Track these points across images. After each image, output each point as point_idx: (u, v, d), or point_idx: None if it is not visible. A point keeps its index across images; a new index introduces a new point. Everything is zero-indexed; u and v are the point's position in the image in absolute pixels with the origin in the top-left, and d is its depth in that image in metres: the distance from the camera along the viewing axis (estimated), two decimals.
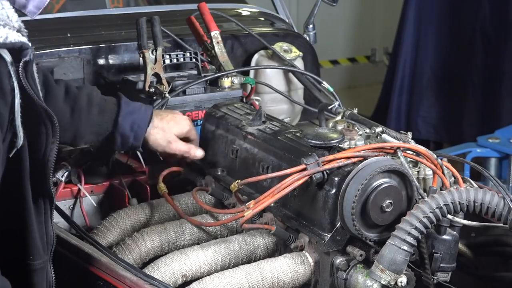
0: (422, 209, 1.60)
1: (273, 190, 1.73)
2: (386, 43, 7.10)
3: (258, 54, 2.73)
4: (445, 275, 1.74)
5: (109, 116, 2.00)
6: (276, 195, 1.73)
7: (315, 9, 2.97)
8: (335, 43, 7.10)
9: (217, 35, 2.47)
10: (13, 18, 1.38)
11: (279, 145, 1.89)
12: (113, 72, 2.51)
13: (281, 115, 2.64)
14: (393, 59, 5.82)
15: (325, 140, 1.75)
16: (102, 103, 2.01)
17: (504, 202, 1.64)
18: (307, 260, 1.77)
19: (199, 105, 2.34)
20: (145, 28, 2.34)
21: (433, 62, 5.53)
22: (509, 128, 4.28)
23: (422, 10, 5.52)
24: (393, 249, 1.59)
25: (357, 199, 1.62)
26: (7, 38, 1.34)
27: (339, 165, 1.70)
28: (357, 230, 1.64)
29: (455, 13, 5.41)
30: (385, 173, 1.65)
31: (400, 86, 5.60)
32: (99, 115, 1.99)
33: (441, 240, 1.71)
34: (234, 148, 2.02)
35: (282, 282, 1.74)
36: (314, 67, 2.92)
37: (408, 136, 1.92)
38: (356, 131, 1.99)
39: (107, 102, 2.02)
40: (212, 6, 2.63)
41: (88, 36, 2.58)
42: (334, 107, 2.24)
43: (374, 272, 1.61)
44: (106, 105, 2.01)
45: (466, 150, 4.07)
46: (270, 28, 2.95)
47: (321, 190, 1.71)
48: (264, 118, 2.04)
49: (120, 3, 3.34)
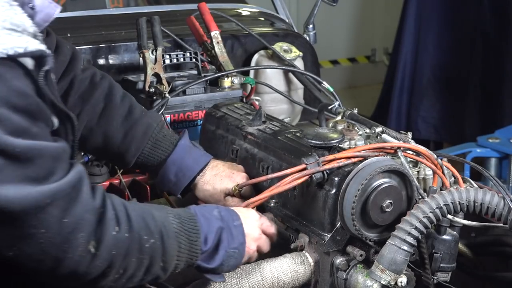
0: (422, 209, 1.60)
1: (273, 188, 1.74)
2: (386, 43, 7.11)
3: (258, 54, 2.73)
4: (445, 275, 1.74)
5: (160, 154, 1.93)
6: (274, 190, 1.73)
7: (315, 9, 2.97)
8: (335, 43, 7.10)
9: (217, 35, 2.47)
10: (27, 23, 1.36)
11: (279, 145, 1.89)
12: (113, 72, 2.51)
13: (281, 115, 2.64)
14: (393, 59, 5.82)
15: (325, 140, 1.75)
16: (160, 137, 1.93)
17: (504, 202, 1.64)
18: (307, 260, 1.77)
19: (199, 105, 2.34)
20: (145, 28, 2.34)
21: (433, 62, 5.53)
22: (509, 128, 4.28)
23: (422, 10, 5.52)
24: (393, 249, 1.59)
25: (357, 199, 1.62)
26: (27, 47, 1.31)
27: (339, 165, 1.70)
28: (357, 230, 1.64)
29: (455, 13, 5.41)
30: (385, 173, 1.65)
31: (400, 86, 5.60)
32: (151, 150, 1.92)
33: (441, 240, 1.71)
34: (234, 148, 2.02)
35: (282, 282, 1.74)
36: (314, 67, 2.92)
37: (408, 136, 1.92)
38: (356, 131, 1.99)
39: (165, 139, 1.94)
40: (212, 6, 2.63)
41: (88, 36, 2.58)
42: (334, 107, 2.24)
43: (374, 272, 1.61)
44: (163, 141, 1.93)
45: (466, 150, 4.07)
46: (270, 28, 2.95)
47: (321, 190, 1.71)
48: (264, 118, 2.04)
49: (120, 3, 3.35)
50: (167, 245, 1.52)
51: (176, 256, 1.54)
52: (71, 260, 1.36)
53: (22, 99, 1.30)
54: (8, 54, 1.28)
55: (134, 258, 1.46)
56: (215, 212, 1.65)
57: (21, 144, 1.28)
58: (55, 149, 1.35)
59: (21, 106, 1.30)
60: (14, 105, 1.28)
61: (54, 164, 1.34)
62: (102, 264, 1.41)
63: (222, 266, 1.63)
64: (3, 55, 1.27)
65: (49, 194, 1.31)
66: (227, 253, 1.62)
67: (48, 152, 1.33)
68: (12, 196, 1.27)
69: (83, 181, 1.40)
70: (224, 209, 1.68)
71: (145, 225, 1.49)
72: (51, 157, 1.33)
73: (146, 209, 1.54)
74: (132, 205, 1.52)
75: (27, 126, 1.30)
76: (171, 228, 1.54)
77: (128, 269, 1.46)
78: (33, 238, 1.32)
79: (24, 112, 1.30)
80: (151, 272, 1.51)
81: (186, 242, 1.56)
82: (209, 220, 1.62)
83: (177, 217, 1.57)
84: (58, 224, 1.33)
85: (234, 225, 1.65)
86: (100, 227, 1.40)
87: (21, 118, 1.30)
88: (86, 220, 1.37)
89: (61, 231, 1.33)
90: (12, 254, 1.34)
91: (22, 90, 1.31)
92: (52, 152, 1.34)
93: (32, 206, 1.29)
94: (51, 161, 1.33)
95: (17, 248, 1.33)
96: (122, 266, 1.44)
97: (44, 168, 1.32)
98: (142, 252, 1.47)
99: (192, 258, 1.58)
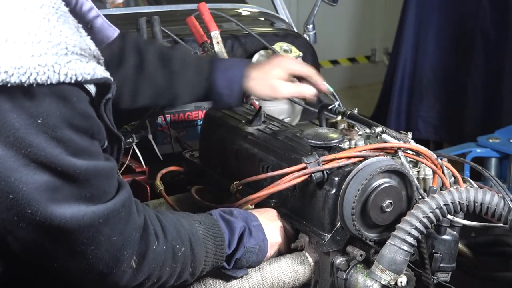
0: (422, 209, 1.60)
1: (272, 186, 1.74)
2: (386, 43, 7.11)
3: (258, 54, 2.73)
4: (445, 275, 1.73)
5: (205, 75, 1.94)
6: (273, 189, 1.73)
7: (315, 9, 2.97)
8: (335, 43, 7.11)
9: (217, 35, 2.47)
10: (92, 46, 1.35)
11: (279, 145, 1.89)
12: None
13: (281, 115, 2.64)
14: (393, 59, 5.82)
15: (325, 140, 1.75)
16: (197, 62, 1.95)
17: (504, 202, 1.63)
18: (307, 260, 1.77)
19: (199, 105, 2.34)
20: (145, 28, 2.34)
21: (433, 62, 5.53)
22: (509, 128, 4.28)
23: (422, 10, 5.52)
24: (393, 249, 1.59)
25: (357, 199, 1.62)
26: (95, 74, 1.30)
27: (339, 165, 1.70)
28: (357, 230, 1.64)
29: (455, 13, 5.41)
30: (385, 173, 1.65)
31: (400, 86, 5.60)
32: (194, 76, 1.94)
33: (441, 240, 1.71)
34: (234, 148, 2.02)
35: (282, 282, 1.74)
36: (314, 67, 2.91)
37: (408, 136, 1.92)
38: (356, 131, 1.99)
39: (202, 61, 1.96)
40: (212, 6, 2.63)
41: None
42: (334, 107, 2.24)
43: (374, 272, 1.61)
44: (201, 64, 1.95)
45: (466, 150, 4.07)
46: (270, 28, 2.95)
47: (321, 190, 1.71)
48: (264, 118, 2.04)
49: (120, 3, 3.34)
50: (196, 251, 1.57)
51: (203, 261, 1.60)
52: (115, 275, 1.40)
53: (86, 121, 1.32)
54: (77, 80, 1.27)
55: (168, 267, 1.51)
56: (235, 212, 1.72)
57: (82, 166, 1.30)
58: (109, 169, 1.38)
59: (84, 127, 1.31)
60: (77, 127, 1.30)
61: (108, 184, 1.37)
62: (142, 277, 1.46)
63: (241, 261, 1.68)
64: (72, 80, 1.27)
65: (104, 214, 1.34)
66: (246, 249, 1.67)
67: (103, 172, 1.35)
68: (69, 215, 1.29)
69: (131, 199, 1.44)
70: (242, 211, 1.74)
71: (177, 235, 1.54)
72: (105, 176, 1.36)
73: (175, 218, 1.58)
74: (164, 216, 1.56)
75: (87, 146, 1.32)
76: (198, 235, 1.59)
77: (162, 277, 1.51)
78: (81, 254, 1.35)
79: (86, 133, 1.32)
80: (181, 278, 1.57)
81: (212, 247, 1.61)
82: (230, 223, 1.67)
83: (202, 224, 1.63)
84: (108, 242, 1.36)
85: (253, 225, 1.71)
86: (142, 243, 1.44)
87: (83, 140, 1.31)
88: (133, 237, 1.41)
89: (109, 249, 1.37)
90: (56, 266, 1.37)
91: (86, 112, 1.32)
92: (107, 172, 1.36)
93: (87, 225, 1.31)
94: (105, 181, 1.36)
95: (63, 262, 1.36)
96: (158, 275, 1.50)
97: (99, 188, 1.34)
98: (175, 261, 1.52)
99: (218, 262, 1.64)
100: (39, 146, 1.25)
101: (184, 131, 2.40)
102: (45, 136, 1.25)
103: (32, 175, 1.26)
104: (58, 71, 1.24)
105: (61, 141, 1.27)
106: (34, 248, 1.33)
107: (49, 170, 1.27)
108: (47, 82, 1.23)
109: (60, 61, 1.25)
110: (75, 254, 1.34)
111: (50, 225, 1.28)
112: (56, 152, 1.26)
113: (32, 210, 1.27)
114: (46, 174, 1.26)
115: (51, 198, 1.27)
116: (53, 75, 1.24)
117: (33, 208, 1.26)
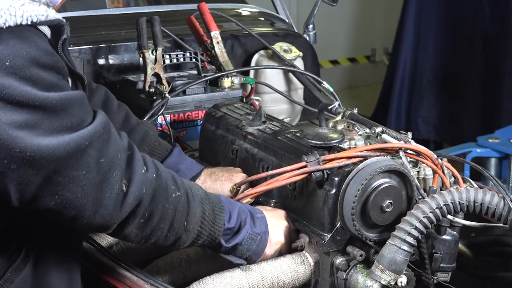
0: (422, 209, 1.60)
1: (271, 181, 1.74)
2: (386, 43, 7.11)
3: (258, 54, 2.73)
4: (445, 275, 1.74)
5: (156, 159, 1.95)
6: (272, 184, 1.73)
7: (315, 9, 2.97)
8: (335, 43, 7.10)
9: (217, 35, 2.48)
10: None
11: (279, 145, 1.89)
12: (113, 72, 2.51)
13: (281, 115, 2.64)
14: (393, 59, 5.82)
15: (325, 140, 1.75)
16: (156, 145, 2.00)
17: (504, 202, 1.64)
18: (307, 260, 1.77)
19: (199, 105, 2.34)
20: (145, 28, 2.34)
21: (433, 62, 5.53)
22: (509, 128, 4.28)
23: (422, 10, 5.52)
24: (393, 249, 1.59)
25: (357, 199, 1.62)
26: (48, 15, 1.37)
27: (339, 165, 1.70)
28: (357, 230, 1.64)
29: (455, 13, 5.41)
30: (385, 173, 1.65)
31: (400, 86, 5.60)
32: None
33: (441, 240, 1.71)
34: (234, 148, 2.02)
35: (282, 282, 1.74)
36: (314, 67, 2.92)
37: (408, 136, 1.92)
38: (356, 131, 1.99)
39: (161, 146, 2.01)
40: (212, 6, 2.63)
41: (88, 36, 2.58)
42: (334, 107, 2.24)
43: (374, 272, 1.61)
44: (158, 148, 2.00)
45: (466, 150, 4.07)
46: (270, 28, 2.95)
47: (321, 190, 1.71)
48: (264, 118, 2.04)
49: (120, 3, 3.34)
50: (192, 206, 1.60)
51: (200, 222, 1.62)
52: (109, 199, 1.45)
53: (50, 58, 1.38)
54: (32, 21, 1.34)
55: (160, 204, 1.54)
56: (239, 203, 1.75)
57: (55, 97, 1.36)
58: (81, 97, 1.43)
59: (50, 64, 1.37)
60: (44, 64, 1.35)
61: (83, 111, 1.43)
62: (133, 201, 1.48)
63: (242, 247, 1.69)
64: (28, 22, 1.34)
65: (87, 137, 1.40)
66: (249, 235, 1.69)
67: (76, 100, 1.41)
68: (56, 144, 1.35)
69: (109, 123, 1.49)
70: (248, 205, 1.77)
71: (172, 179, 1.59)
72: (80, 104, 1.42)
73: (173, 172, 1.63)
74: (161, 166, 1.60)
75: (56, 81, 1.38)
76: (197, 193, 1.64)
77: (154, 214, 1.53)
78: (75, 181, 1.40)
79: (53, 69, 1.38)
80: (174, 228, 1.58)
81: (210, 212, 1.64)
82: (232, 204, 1.71)
83: (202, 190, 1.67)
84: (96, 164, 1.42)
85: (257, 217, 1.73)
86: (129, 166, 1.49)
87: (51, 75, 1.37)
88: (119, 158, 1.47)
89: (99, 171, 1.42)
90: (53, 204, 1.41)
91: (48, 50, 1.38)
92: (79, 100, 1.42)
93: (74, 149, 1.38)
94: (80, 108, 1.42)
95: (60, 196, 1.40)
96: (149, 209, 1.52)
97: (76, 116, 1.40)
98: (168, 201, 1.55)
99: (215, 232, 1.65)
100: (11, 87, 1.31)
101: (184, 131, 2.40)
102: (15, 77, 1.32)
103: (11, 115, 1.32)
104: (14, 13, 1.32)
105: (31, 79, 1.33)
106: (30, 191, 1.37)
107: (26, 107, 1.33)
108: (5, 25, 1.31)
109: (15, 4, 1.33)
110: (69, 183, 1.39)
111: (40, 157, 1.34)
112: (28, 89, 1.33)
113: (21, 148, 1.33)
114: (24, 112, 1.33)
115: (35, 134, 1.34)
116: (10, 17, 1.32)
117: (21, 146, 1.33)
